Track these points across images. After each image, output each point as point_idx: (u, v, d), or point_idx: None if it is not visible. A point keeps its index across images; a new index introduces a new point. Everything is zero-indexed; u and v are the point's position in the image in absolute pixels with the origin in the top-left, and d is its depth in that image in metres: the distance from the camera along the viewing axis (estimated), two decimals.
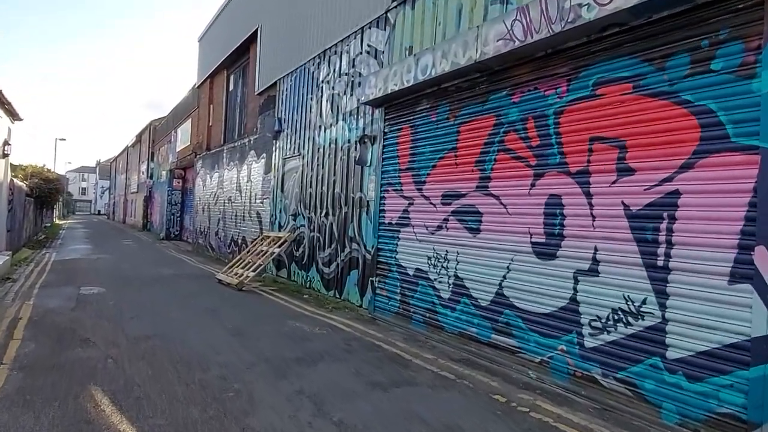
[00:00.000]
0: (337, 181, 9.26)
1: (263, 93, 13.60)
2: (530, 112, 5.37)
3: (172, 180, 25.46)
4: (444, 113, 6.61)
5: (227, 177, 16.37)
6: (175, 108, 26.39)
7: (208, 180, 18.72)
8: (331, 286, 9.27)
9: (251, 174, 14.24)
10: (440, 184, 6.58)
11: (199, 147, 20.10)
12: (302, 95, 10.99)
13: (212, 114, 19.16)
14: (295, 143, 11.24)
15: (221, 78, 18.34)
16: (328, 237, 9.44)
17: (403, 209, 7.29)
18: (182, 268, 14.03)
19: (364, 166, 8.34)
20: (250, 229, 13.94)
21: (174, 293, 9.60)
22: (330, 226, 9.41)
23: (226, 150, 16.72)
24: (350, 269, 8.65)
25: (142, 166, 36.83)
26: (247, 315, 7.80)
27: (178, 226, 25.55)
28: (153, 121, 32.92)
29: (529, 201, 5.29)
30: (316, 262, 9.85)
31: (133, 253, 17.88)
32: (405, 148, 7.32)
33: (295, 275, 10.79)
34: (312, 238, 10.09)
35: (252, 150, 14.29)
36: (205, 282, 11.31)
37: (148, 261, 15.37)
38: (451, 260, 6.33)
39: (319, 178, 9.97)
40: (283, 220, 11.68)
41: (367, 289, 8.06)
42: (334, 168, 9.40)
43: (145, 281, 11.05)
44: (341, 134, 9.24)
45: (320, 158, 9.97)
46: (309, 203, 10.34)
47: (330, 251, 9.33)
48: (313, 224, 10.12)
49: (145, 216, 33.60)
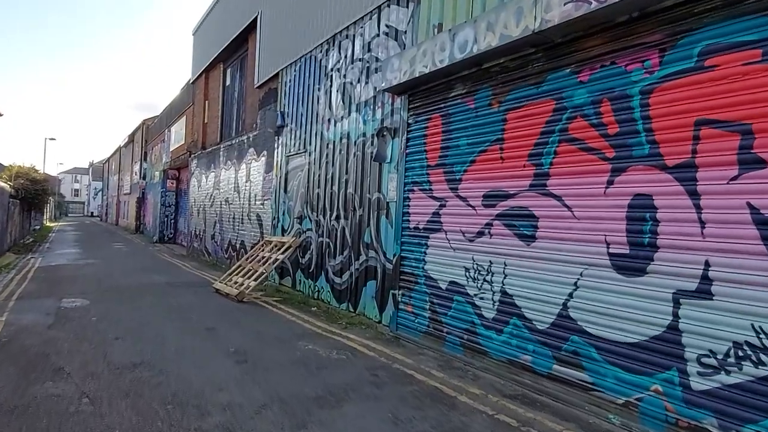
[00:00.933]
0: (350, 181, 8.21)
1: (263, 86, 12.51)
2: (605, 92, 4.33)
3: (165, 181, 24.29)
4: (485, 99, 5.57)
5: (224, 177, 15.27)
6: (169, 105, 25.22)
7: (203, 180, 17.60)
8: (343, 298, 8.21)
9: (250, 173, 13.15)
10: (481, 183, 5.54)
11: (194, 146, 18.97)
12: (308, 86, 9.92)
13: (208, 110, 18.05)
14: (300, 139, 10.17)
15: (217, 72, 17.23)
16: (340, 243, 8.38)
17: (432, 212, 6.24)
18: (176, 275, 12.92)
19: (383, 162, 7.29)
20: (249, 233, 12.85)
21: (166, 306, 8.51)
22: (341, 230, 8.35)
23: (223, 148, 15.62)
24: (366, 280, 7.59)
25: (134, 167, 35.58)
26: (251, 334, 6.72)
27: (171, 228, 24.39)
28: (146, 120, 31.69)
29: (606, 202, 4.25)
30: (326, 271, 8.78)
31: (123, 258, 16.73)
32: (435, 141, 6.27)
33: (301, 285, 9.72)
34: (320, 244, 9.03)
35: (251, 148, 13.20)
36: (201, 292, 10.21)
37: (139, 267, 14.24)
38: (496, 273, 5.28)
39: (328, 177, 8.91)
40: (287, 224, 10.61)
41: (387, 304, 7.01)
42: (346, 165, 8.35)
43: (134, 291, 9.94)
44: (354, 127, 8.18)
45: (330, 155, 8.91)
46: (317, 205, 9.27)
47: (342, 259, 8.27)
48: (321, 228, 9.05)
49: (137, 218, 32.37)
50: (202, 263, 15.79)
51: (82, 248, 20.74)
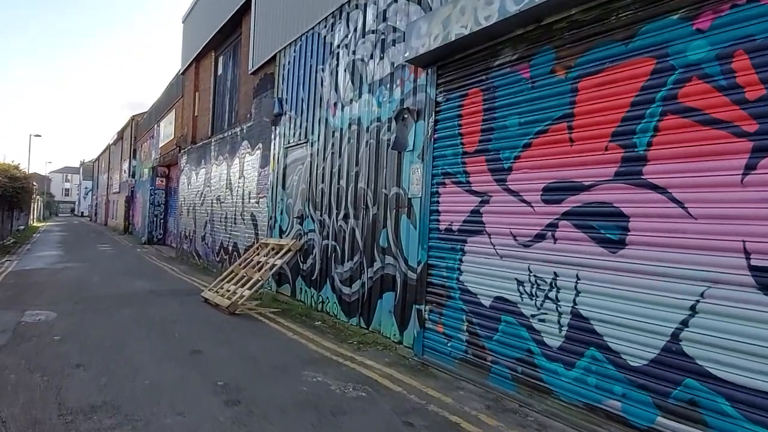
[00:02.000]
0: (361, 174, 6.94)
1: (259, 71, 11.22)
2: (739, 42, 3.11)
3: (154, 178, 22.89)
4: (546, 65, 4.33)
5: (215, 173, 13.95)
6: (158, 100, 23.82)
7: (193, 177, 16.26)
8: (353, 312, 6.95)
9: (244, 168, 11.85)
10: (540, 172, 4.30)
11: (184, 140, 17.61)
12: (310, 67, 8.64)
13: (198, 103, 16.70)
14: (300, 128, 8.89)
15: (208, 61, 15.89)
16: (349, 247, 7.11)
17: (470, 210, 5.00)
18: (162, 280, 11.59)
19: (403, 151, 6.04)
20: (243, 234, 11.54)
21: (146, 320, 7.20)
22: (351, 232, 7.08)
23: (214, 142, 14.30)
24: (382, 291, 6.34)
25: (124, 165, 34.08)
26: (245, 360, 5.44)
27: (161, 229, 22.98)
28: (135, 116, 30.23)
29: (744, 195, 3.03)
30: (332, 279, 7.51)
31: (107, 261, 15.36)
32: (473, 122, 5.03)
33: (302, 294, 8.44)
34: (325, 248, 7.75)
35: (245, 140, 11.89)
36: (189, 301, 8.91)
37: (122, 271, 12.89)
38: (564, 288, 4.05)
39: (334, 171, 7.64)
40: (285, 224, 9.32)
41: (410, 321, 5.76)
42: (356, 156, 7.08)
43: (113, 301, 8.63)
44: (367, 111, 6.92)
45: (336, 144, 7.64)
46: (320, 203, 8.00)
47: (352, 266, 7.00)
48: (326, 230, 7.78)
49: (126, 218, 30.89)
50: (191, 267, 14.46)
51: (64, 250, 19.33)
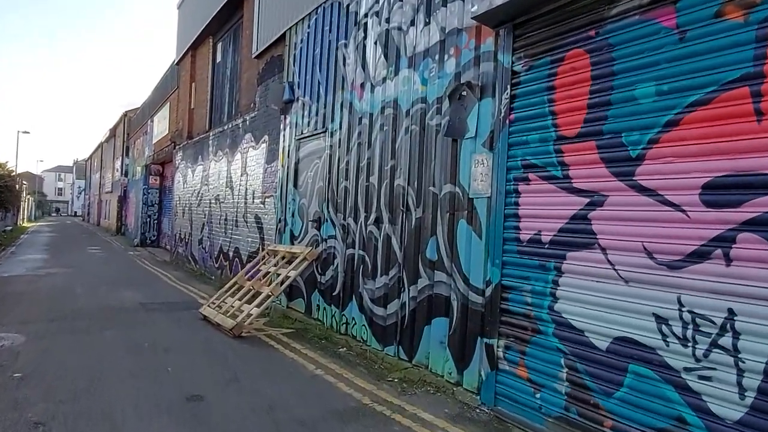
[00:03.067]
0: (399, 168, 5.57)
1: (264, 54, 9.82)
2: None
3: (147, 177, 21.40)
4: (705, 5, 2.99)
5: (214, 170, 12.52)
6: (152, 93, 22.34)
7: (189, 175, 14.82)
8: (389, 338, 5.58)
9: (247, 164, 10.44)
10: (699, 161, 2.94)
11: (179, 135, 16.16)
12: (329, 44, 7.26)
13: (194, 94, 15.26)
14: (317, 115, 7.50)
15: (206, 48, 14.45)
16: (383, 258, 5.74)
17: (571, 214, 3.64)
18: (154, 290, 10.17)
19: (461, 138, 4.67)
20: (246, 239, 10.14)
21: (133, 346, 5.80)
22: (385, 240, 5.71)
23: (213, 136, 12.87)
24: (430, 315, 4.98)
25: (116, 163, 32.51)
26: (260, 412, 4.05)
27: (155, 230, 21.51)
28: (128, 112, 28.68)
29: None
30: (360, 297, 6.13)
31: (95, 266, 13.90)
32: (575, 96, 3.67)
33: (320, 312, 7.05)
34: (350, 258, 6.38)
35: (248, 133, 10.49)
36: (185, 319, 7.51)
37: (111, 278, 11.45)
38: (748, 334, 2.70)
39: (362, 165, 6.27)
40: (298, 228, 7.93)
41: (473, 357, 4.40)
42: (392, 146, 5.71)
43: (95, 318, 7.22)
44: (406, 91, 5.56)
45: (364, 133, 6.26)
46: (343, 204, 6.63)
47: (387, 281, 5.64)
48: (351, 236, 6.40)
49: (119, 218, 29.36)
50: (187, 273, 13.03)
51: (50, 253, 17.84)
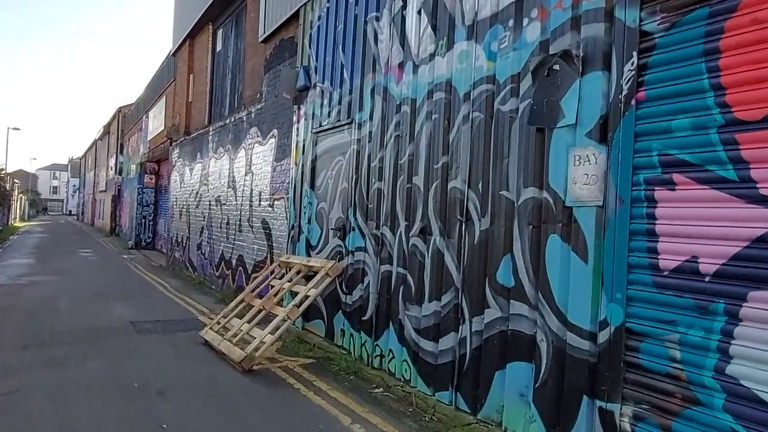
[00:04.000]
0: (455, 166, 4.38)
1: (273, 37, 8.60)
2: None
3: (142, 176, 20.14)
4: None
5: (214, 168, 11.29)
6: (147, 87, 21.04)
7: (187, 174, 13.57)
8: (442, 381, 4.39)
9: (252, 162, 9.23)
10: None
11: (176, 131, 14.90)
12: (354, 18, 6.06)
13: (193, 86, 14.01)
14: (340, 104, 6.30)
15: (205, 36, 13.20)
16: (433, 278, 4.55)
17: (754, 237, 2.46)
18: (148, 303, 8.94)
19: (552, 126, 3.50)
20: (251, 246, 8.93)
21: (119, 387, 4.58)
22: (436, 256, 4.52)
23: (213, 132, 11.63)
24: (505, 357, 3.80)
25: (110, 161, 31.16)
26: None
27: (150, 232, 20.24)
28: (122, 107, 27.34)
29: None
30: (400, 325, 4.94)
31: (84, 273, 12.64)
32: (757, 60, 2.50)
33: (345, 338, 5.86)
34: (386, 277, 5.19)
35: (254, 127, 9.27)
36: (184, 344, 6.30)
37: (101, 288, 10.21)
38: None
39: (401, 162, 5.07)
40: (316, 237, 6.73)
41: (577, 422, 3.21)
42: (443, 139, 4.52)
43: (77, 344, 6.00)
44: (464, 69, 4.36)
45: (404, 123, 5.06)
46: (376, 209, 5.43)
47: (438, 308, 4.45)
48: (387, 249, 5.21)
49: (113, 218, 28.05)
50: (185, 282, 11.80)
51: (38, 257, 16.55)
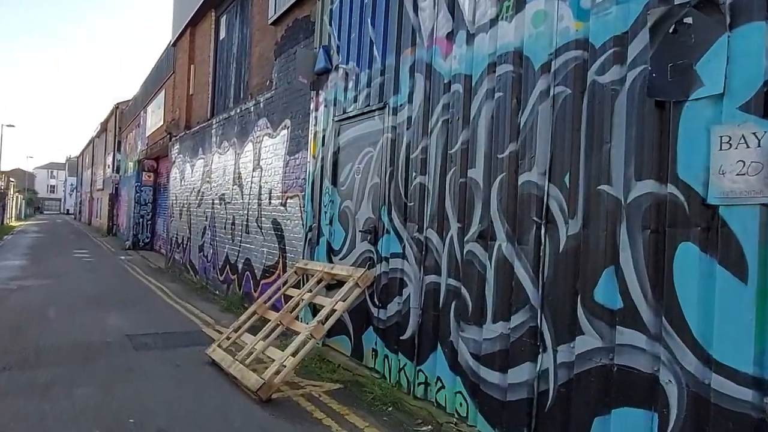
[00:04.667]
0: (529, 155, 3.49)
1: (284, 18, 7.71)
2: None
3: (140, 173, 19.21)
4: None
5: (218, 164, 10.39)
6: (145, 81, 20.11)
7: (188, 170, 12.67)
8: (512, 423, 3.48)
9: (261, 156, 8.34)
10: None
11: (175, 126, 13.99)
12: None
13: (194, 78, 13.10)
14: (369, 86, 5.41)
15: (207, 24, 12.30)
16: (498, 293, 3.67)
17: None
18: (147, 311, 8.04)
19: (681, 99, 2.63)
20: (260, 249, 8.04)
21: (112, 425, 3.71)
22: (503, 266, 3.64)
23: (217, 125, 10.73)
24: (606, 400, 2.92)
25: (107, 159, 30.20)
26: None
27: (148, 231, 19.32)
28: (119, 103, 26.38)
29: None
30: (451, 348, 4.05)
31: (78, 277, 11.73)
32: None
33: (378, 359, 4.97)
34: (433, 289, 4.30)
35: (263, 118, 8.38)
36: (188, 365, 5.40)
37: (95, 294, 9.31)
38: None
39: (452, 153, 4.17)
40: (339, 240, 5.85)
41: None
42: (512, 122, 3.63)
43: (65, 363, 5.10)
44: (541, 33, 3.46)
45: (456, 105, 4.17)
46: (419, 209, 4.54)
47: (507, 331, 3.56)
48: (433, 256, 4.32)
49: (110, 218, 27.10)
50: (186, 286, 10.90)
51: (31, 258, 15.64)
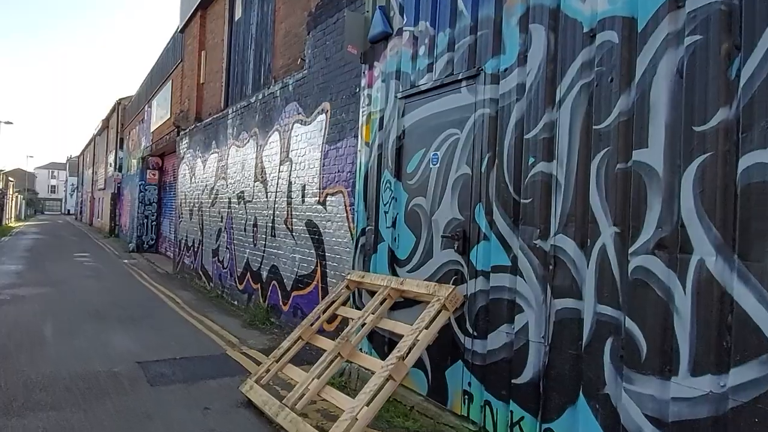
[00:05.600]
0: (763, 125, 2.31)
1: None
2: None
3: (144, 171, 17.98)
4: None
5: (236, 159, 9.18)
6: (149, 74, 18.87)
7: (198, 167, 11.45)
8: None
9: (290, 147, 7.12)
10: None
11: (184, 118, 12.77)
12: None
13: (205, 65, 11.88)
14: (451, 51, 4.15)
15: (220, 5, 11.08)
16: (700, 334, 2.43)
17: None
18: (158, 329, 6.82)
19: None
20: (290, 255, 6.82)
21: None
22: (706, 291, 2.40)
23: (233, 115, 9.52)
24: None
25: (109, 157, 28.95)
26: None
27: (153, 233, 18.10)
28: (121, 99, 25.14)
29: None
30: (607, 404, 2.82)
31: (80, 285, 10.50)
32: None
33: (472, 405, 3.75)
34: (570, 318, 3.06)
35: (292, 103, 7.16)
36: (220, 409, 4.16)
37: (99, 307, 8.09)
38: None
39: (599, 129, 2.95)
40: (407, 247, 4.61)
41: None
42: (715, 80, 2.44)
43: (60, 406, 3.86)
44: None
45: (606, 63, 2.93)
46: (541, 206, 3.31)
47: (721, 391, 2.34)
48: (565, 271, 3.09)
49: (112, 218, 25.87)
50: (199, 294, 9.68)
51: (29, 262, 14.40)
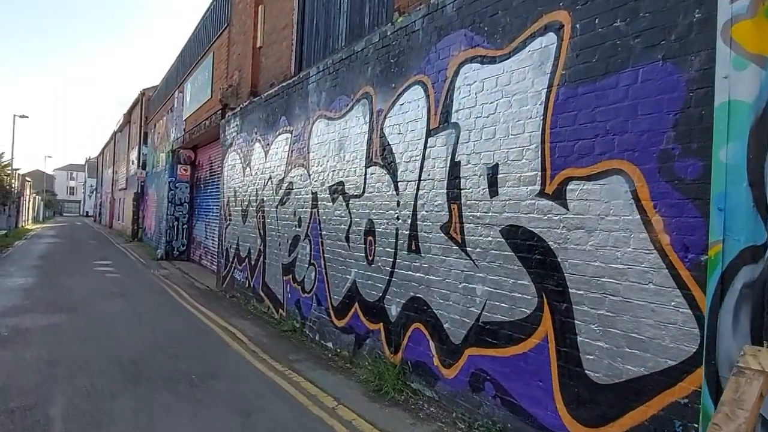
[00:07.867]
0: None
1: None
2: None
3: (175, 166, 15.17)
4: None
5: (325, 137, 6.23)
6: (180, 55, 16.08)
7: (257, 153, 8.54)
8: None
9: (452, 105, 4.18)
10: None
11: (233, 95, 9.89)
12: None
13: (264, 22, 9.01)
14: None
15: None
16: None
17: None
18: (235, 402, 3.86)
19: None
20: (464, 284, 3.87)
21: None
22: None
23: (318, 76, 6.59)
24: None
25: (131, 154, 26.28)
26: None
27: (184, 237, 15.29)
28: (146, 89, 22.45)
29: None
30: None
31: (105, 309, 7.62)
32: None
33: None
34: None
35: (455, 32, 4.21)
36: None
37: (131, 350, 5.19)
38: None
39: None
40: None
41: None
42: None
43: None
44: None
45: None
46: None
47: None
48: None
49: (135, 221, 23.17)
50: (265, 325, 6.76)
51: (40, 274, 11.61)
